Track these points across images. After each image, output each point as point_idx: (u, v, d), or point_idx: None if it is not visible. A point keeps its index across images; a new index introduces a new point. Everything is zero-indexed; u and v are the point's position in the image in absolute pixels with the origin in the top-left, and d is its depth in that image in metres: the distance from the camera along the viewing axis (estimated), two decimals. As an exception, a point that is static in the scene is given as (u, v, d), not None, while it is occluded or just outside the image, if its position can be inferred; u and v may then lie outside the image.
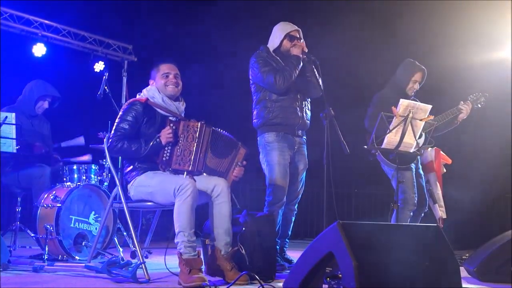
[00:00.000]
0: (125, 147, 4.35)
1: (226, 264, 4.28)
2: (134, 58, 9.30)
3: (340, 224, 3.01)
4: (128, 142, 4.36)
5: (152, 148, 4.33)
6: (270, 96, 5.27)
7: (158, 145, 4.34)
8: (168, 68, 4.60)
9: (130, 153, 4.39)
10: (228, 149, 4.64)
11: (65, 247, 5.33)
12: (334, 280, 2.97)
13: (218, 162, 4.57)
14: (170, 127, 4.36)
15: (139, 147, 4.33)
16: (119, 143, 4.37)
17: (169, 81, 4.56)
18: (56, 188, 5.61)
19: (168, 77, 4.57)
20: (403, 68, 6.12)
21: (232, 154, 4.66)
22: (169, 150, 4.36)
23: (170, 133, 4.33)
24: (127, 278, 4.04)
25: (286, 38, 5.37)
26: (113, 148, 4.41)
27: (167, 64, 4.64)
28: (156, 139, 4.34)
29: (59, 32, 8.51)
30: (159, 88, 4.57)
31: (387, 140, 5.32)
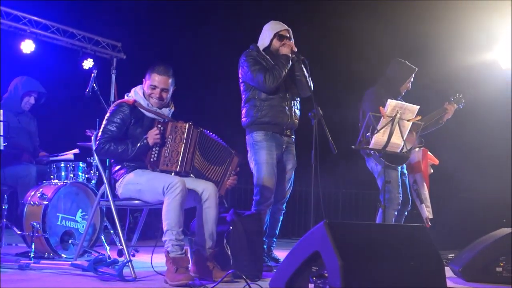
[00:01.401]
0: (112, 149, 4.35)
1: (209, 264, 4.29)
2: (123, 56, 9.28)
3: (326, 223, 3.02)
4: (115, 144, 4.35)
5: (139, 149, 4.32)
6: (259, 95, 5.28)
7: (145, 146, 4.33)
8: (158, 82, 4.48)
9: (117, 155, 4.39)
10: (222, 157, 4.65)
11: (51, 245, 5.30)
12: (320, 279, 2.98)
13: (210, 167, 4.58)
14: (157, 128, 4.36)
15: (125, 149, 4.33)
16: (106, 145, 4.36)
17: (154, 94, 4.50)
18: (43, 186, 5.58)
19: (154, 89, 4.50)
20: (398, 68, 6.19)
21: (227, 163, 4.68)
22: (157, 151, 4.36)
23: (157, 134, 4.33)
24: (113, 276, 4.03)
25: (275, 37, 5.38)
26: (100, 151, 4.40)
27: (160, 76, 4.49)
28: (143, 140, 4.33)
29: (48, 29, 8.47)
30: (145, 94, 4.54)
31: (374, 140, 5.34)
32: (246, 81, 5.33)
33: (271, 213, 5.35)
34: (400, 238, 3.32)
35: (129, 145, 4.33)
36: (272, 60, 5.31)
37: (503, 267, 4.72)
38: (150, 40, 10.82)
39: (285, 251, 3.39)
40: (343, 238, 3.00)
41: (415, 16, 9.73)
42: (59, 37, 8.58)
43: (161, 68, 4.51)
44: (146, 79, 4.55)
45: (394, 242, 3.25)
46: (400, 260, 3.15)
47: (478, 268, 4.77)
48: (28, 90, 6.10)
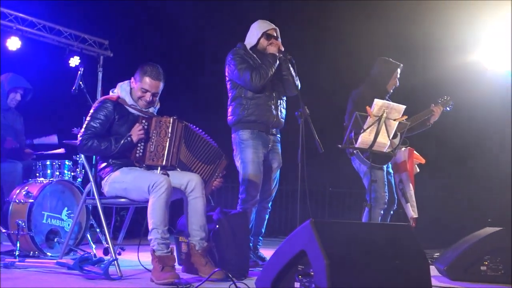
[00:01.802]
0: (95, 145, 4.32)
1: (200, 260, 4.29)
2: (110, 54, 9.23)
3: (312, 222, 3.03)
4: (98, 141, 4.33)
5: (123, 146, 4.32)
6: (246, 94, 5.28)
7: (129, 143, 4.33)
8: (150, 86, 4.44)
9: (99, 151, 4.38)
10: (211, 156, 4.66)
11: (37, 243, 5.28)
12: (306, 278, 2.99)
13: (196, 163, 4.57)
14: (141, 123, 4.35)
15: (109, 145, 4.31)
16: (88, 141, 4.34)
17: (144, 98, 4.46)
18: (28, 184, 5.56)
19: (145, 93, 4.46)
20: (383, 66, 6.20)
21: (216, 164, 4.69)
22: (142, 146, 4.36)
23: (140, 130, 4.32)
24: (99, 275, 4.01)
25: (263, 36, 5.39)
26: (82, 147, 4.37)
27: (152, 81, 4.44)
28: (127, 137, 4.32)
29: (34, 26, 8.40)
30: (134, 94, 4.50)
31: (361, 139, 5.35)
32: (233, 80, 5.33)
33: (256, 212, 5.36)
34: (386, 237, 3.34)
35: (112, 142, 4.31)
36: (259, 59, 5.31)
37: (487, 266, 4.76)
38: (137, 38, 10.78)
39: (272, 249, 3.40)
40: (329, 237, 3.01)
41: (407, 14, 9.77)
42: (45, 34, 8.52)
43: (154, 73, 4.45)
44: (136, 80, 4.49)
45: (380, 241, 3.26)
46: (385, 259, 3.17)
47: (463, 267, 4.81)
48: (14, 86, 6.07)
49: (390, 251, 3.23)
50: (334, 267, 2.86)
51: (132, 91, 4.52)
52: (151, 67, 4.47)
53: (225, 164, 4.76)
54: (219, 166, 4.71)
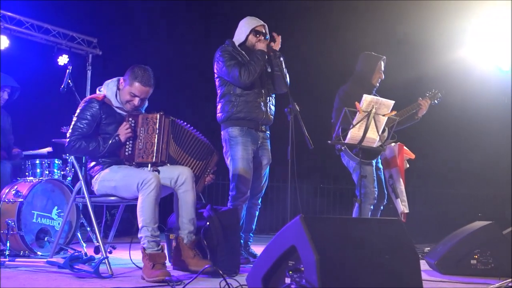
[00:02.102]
0: (83, 146, 4.30)
1: (188, 252, 4.30)
2: (99, 52, 9.21)
3: (302, 218, 3.03)
4: (86, 142, 4.31)
5: (111, 146, 4.29)
6: (235, 90, 5.28)
7: (117, 143, 4.31)
8: (140, 92, 4.40)
9: (88, 152, 4.36)
10: (202, 151, 4.64)
11: (27, 242, 5.26)
12: (297, 274, 2.99)
13: (187, 158, 4.56)
14: (128, 121, 4.32)
15: (97, 146, 4.29)
16: (76, 143, 4.31)
17: (132, 102, 4.43)
18: (18, 183, 5.53)
19: (134, 97, 4.42)
20: (365, 60, 6.22)
21: (208, 160, 4.69)
22: (130, 144, 4.34)
23: (127, 129, 4.29)
24: (90, 273, 4.00)
25: (251, 33, 5.39)
26: (70, 149, 4.36)
27: (142, 87, 4.39)
28: (114, 137, 4.30)
29: (22, 24, 8.37)
30: (121, 96, 4.45)
31: (350, 135, 5.37)
32: (222, 76, 5.33)
33: (247, 208, 5.37)
34: (376, 232, 3.34)
35: (100, 142, 4.29)
36: (248, 56, 5.31)
37: (477, 259, 4.78)
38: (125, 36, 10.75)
39: (263, 246, 3.40)
40: (319, 232, 3.01)
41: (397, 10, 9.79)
42: (33, 33, 8.49)
43: (145, 79, 4.40)
44: (126, 83, 4.43)
45: (370, 236, 3.26)
46: (375, 254, 3.17)
47: (453, 261, 4.83)
48: (1, 85, 6.04)
49: (380, 246, 3.24)
50: (324, 262, 2.86)
51: (119, 92, 4.47)
52: (142, 72, 4.40)
53: (216, 160, 4.76)
54: (210, 162, 4.71)
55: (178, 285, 3.69)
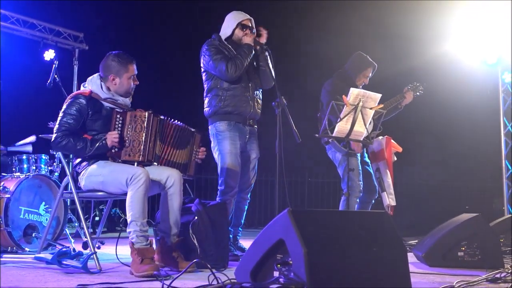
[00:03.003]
0: (70, 145, 4.25)
1: (173, 253, 4.30)
2: (85, 47, 9.17)
3: (290, 211, 3.04)
4: (73, 140, 4.25)
5: (98, 149, 4.23)
6: (222, 85, 5.27)
7: (104, 147, 4.25)
8: (134, 70, 4.47)
9: (74, 151, 4.32)
10: (184, 139, 4.60)
11: (14, 238, 5.24)
12: (285, 267, 2.99)
13: (173, 152, 4.53)
14: (117, 122, 4.29)
15: (84, 147, 4.23)
16: (63, 140, 4.26)
17: (133, 84, 4.48)
18: (4, 179, 5.50)
19: (134, 80, 4.47)
20: (356, 61, 6.26)
21: (190, 143, 4.65)
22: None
23: (116, 138, 4.24)
24: (78, 269, 3.99)
25: (238, 27, 5.38)
26: (57, 145, 4.30)
27: (134, 65, 4.47)
28: (102, 140, 4.24)
29: (8, 19, 8.32)
30: (120, 88, 4.44)
31: (338, 128, 5.39)
32: (208, 70, 5.32)
33: (236, 203, 5.37)
34: (363, 224, 3.35)
35: (88, 144, 4.23)
36: (234, 50, 5.31)
37: (464, 251, 4.82)
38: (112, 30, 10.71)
39: (251, 240, 3.40)
40: (306, 226, 3.02)
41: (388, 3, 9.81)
42: (19, 28, 8.44)
43: (129, 57, 4.49)
44: (120, 73, 4.42)
45: (357, 228, 3.27)
46: (363, 246, 3.18)
47: (440, 253, 4.86)
48: None
49: (368, 239, 3.25)
50: (312, 255, 2.87)
51: (113, 88, 4.45)
52: (121, 55, 4.47)
53: (200, 138, 4.71)
54: (194, 144, 4.67)
55: (167, 279, 3.69)
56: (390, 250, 3.27)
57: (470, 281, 3.81)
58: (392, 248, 3.28)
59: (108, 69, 4.44)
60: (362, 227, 3.31)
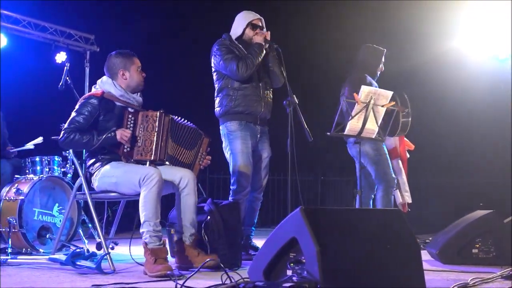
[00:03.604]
0: (77, 138, 4.27)
1: (192, 252, 4.31)
2: (96, 49, 9.19)
3: (302, 209, 3.03)
4: (80, 134, 4.28)
5: (105, 140, 4.26)
6: (232, 84, 5.27)
7: (111, 139, 4.27)
8: (139, 62, 4.56)
9: (81, 144, 4.33)
10: (192, 140, 4.62)
11: (28, 240, 5.28)
12: (298, 265, 2.99)
13: (182, 151, 4.55)
14: (129, 121, 4.31)
15: (91, 138, 4.26)
16: (70, 135, 4.29)
17: (143, 76, 4.54)
18: (18, 181, 5.54)
19: (141, 72, 4.54)
20: (371, 52, 6.28)
21: (198, 145, 4.66)
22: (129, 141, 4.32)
23: (126, 136, 4.27)
24: (92, 269, 4.01)
25: (248, 26, 5.38)
26: (64, 140, 4.32)
27: (136, 58, 4.57)
28: (111, 132, 4.27)
29: (19, 22, 8.35)
30: (132, 82, 4.49)
31: (349, 126, 5.37)
32: (219, 70, 5.32)
33: (249, 202, 5.37)
34: (376, 222, 3.34)
35: (94, 135, 4.27)
36: (245, 49, 5.30)
37: (479, 248, 4.79)
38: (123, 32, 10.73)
39: (264, 239, 3.40)
40: (319, 224, 3.01)
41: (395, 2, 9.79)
42: (31, 31, 8.47)
43: (130, 52, 4.60)
44: (127, 67, 4.51)
45: (371, 226, 3.27)
46: (376, 244, 3.17)
47: (454, 250, 4.83)
48: None
49: (381, 236, 3.24)
50: (325, 254, 2.87)
51: (125, 83, 4.49)
52: (122, 51, 4.61)
53: (208, 142, 4.72)
54: (201, 146, 4.68)
55: (180, 279, 3.70)
56: (404, 248, 3.26)
57: (484, 278, 3.79)
58: (405, 245, 3.27)
59: (114, 67, 4.52)
60: (375, 224, 3.30)
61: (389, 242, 3.22)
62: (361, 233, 3.19)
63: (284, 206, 10.99)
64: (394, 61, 6.82)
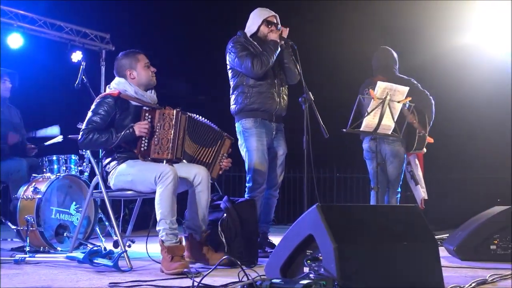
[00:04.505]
0: (95, 137, 4.29)
1: (202, 248, 4.35)
2: (112, 47, 9.22)
3: (319, 206, 3.03)
4: (98, 133, 4.30)
5: (124, 137, 4.27)
6: (248, 82, 5.26)
7: (130, 135, 4.28)
8: (146, 58, 4.56)
9: (100, 143, 4.33)
10: (212, 139, 4.61)
11: (46, 238, 5.31)
12: (315, 263, 2.98)
13: (200, 150, 4.56)
14: (146, 119, 4.32)
15: (109, 136, 4.28)
16: (89, 135, 4.30)
17: (152, 72, 4.54)
18: (36, 180, 5.58)
19: (149, 67, 4.53)
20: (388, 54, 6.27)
21: (218, 145, 4.64)
22: (146, 140, 4.33)
23: (145, 128, 4.28)
24: (109, 267, 4.03)
25: (263, 23, 5.37)
26: (83, 141, 4.34)
27: (143, 55, 4.58)
28: (129, 128, 4.29)
29: (35, 22, 8.40)
30: (141, 79, 4.50)
31: (365, 122, 5.35)
32: (234, 68, 5.32)
33: (265, 200, 5.36)
34: (394, 218, 3.33)
35: (113, 133, 4.29)
36: (260, 46, 5.29)
37: (497, 244, 4.75)
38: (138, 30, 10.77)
39: (281, 236, 3.40)
40: (336, 221, 3.01)
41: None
42: (46, 30, 8.52)
43: (135, 51, 4.61)
44: (133, 66, 4.52)
45: (388, 223, 3.25)
46: (394, 241, 3.17)
47: (472, 246, 4.80)
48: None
49: (398, 233, 3.23)
50: (342, 251, 2.86)
51: (135, 82, 4.50)
52: (127, 51, 4.63)
53: (230, 144, 4.70)
54: (222, 147, 4.65)
55: (197, 276, 3.70)
56: (421, 244, 3.24)
57: (503, 274, 3.76)
58: (423, 242, 3.26)
59: (121, 68, 4.56)
60: (392, 221, 3.29)
61: (406, 239, 3.21)
62: (378, 230, 3.18)
63: (300, 203, 11.01)
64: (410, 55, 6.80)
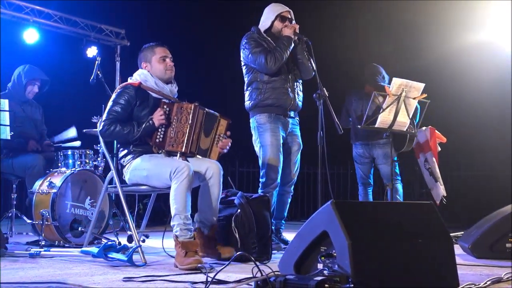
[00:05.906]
0: (117, 130, 4.33)
1: (212, 243, 4.39)
2: (127, 43, 9.24)
3: (333, 203, 3.02)
4: (120, 125, 4.34)
5: (144, 130, 4.32)
6: (262, 77, 5.26)
7: (150, 127, 4.32)
8: (164, 52, 4.57)
9: (122, 136, 4.37)
10: (208, 123, 4.56)
11: (61, 232, 5.34)
12: (329, 259, 2.97)
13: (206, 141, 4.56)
14: (162, 109, 4.35)
15: (131, 130, 4.32)
16: (111, 126, 4.35)
17: (167, 65, 4.54)
18: (51, 174, 5.61)
19: (165, 60, 4.54)
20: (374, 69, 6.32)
21: (213, 128, 4.61)
22: (162, 131, 4.36)
23: (162, 115, 4.32)
24: (123, 262, 4.04)
25: (277, 19, 5.36)
26: (105, 132, 4.38)
27: (162, 47, 4.59)
28: (148, 120, 4.33)
29: (51, 17, 8.43)
30: (155, 72, 4.53)
31: (380, 119, 5.33)
32: (248, 64, 5.31)
33: (279, 196, 5.36)
34: (408, 215, 3.31)
35: (134, 126, 4.32)
36: (274, 42, 5.28)
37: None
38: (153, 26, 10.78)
39: (294, 232, 3.40)
40: (350, 217, 3.00)
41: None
42: (62, 25, 8.55)
43: (156, 43, 4.63)
44: (148, 60, 4.56)
45: (402, 220, 3.24)
46: (408, 238, 3.15)
47: (487, 244, 4.76)
48: (31, 78, 6.10)
49: (413, 230, 3.21)
50: (356, 247, 2.85)
51: (152, 73, 4.53)
52: (148, 44, 4.65)
53: (226, 124, 4.64)
54: (218, 128, 4.61)
55: (211, 272, 3.71)
56: (436, 242, 3.22)
57: (519, 273, 3.73)
58: (438, 239, 3.24)
59: (139, 60, 4.63)
60: (407, 218, 3.28)
61: (421, 236, 3.19)
62: (392, 227, 3.16)
63: (314, 199, 10.99)
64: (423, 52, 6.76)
